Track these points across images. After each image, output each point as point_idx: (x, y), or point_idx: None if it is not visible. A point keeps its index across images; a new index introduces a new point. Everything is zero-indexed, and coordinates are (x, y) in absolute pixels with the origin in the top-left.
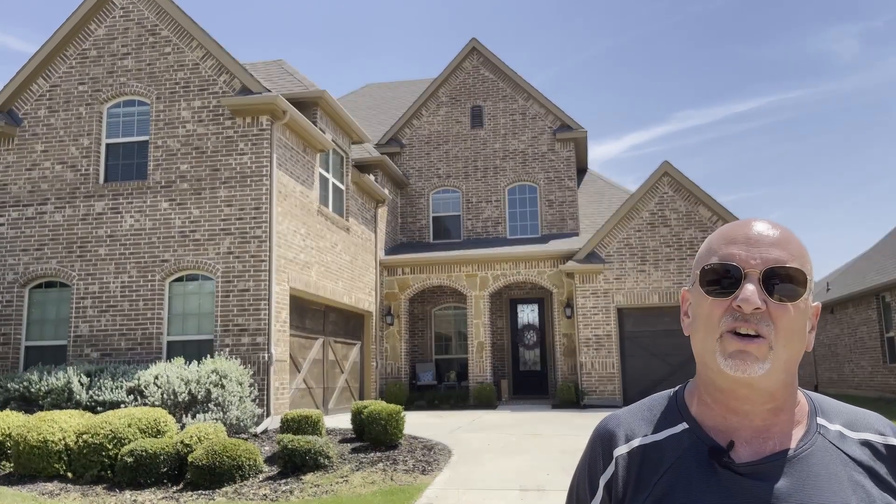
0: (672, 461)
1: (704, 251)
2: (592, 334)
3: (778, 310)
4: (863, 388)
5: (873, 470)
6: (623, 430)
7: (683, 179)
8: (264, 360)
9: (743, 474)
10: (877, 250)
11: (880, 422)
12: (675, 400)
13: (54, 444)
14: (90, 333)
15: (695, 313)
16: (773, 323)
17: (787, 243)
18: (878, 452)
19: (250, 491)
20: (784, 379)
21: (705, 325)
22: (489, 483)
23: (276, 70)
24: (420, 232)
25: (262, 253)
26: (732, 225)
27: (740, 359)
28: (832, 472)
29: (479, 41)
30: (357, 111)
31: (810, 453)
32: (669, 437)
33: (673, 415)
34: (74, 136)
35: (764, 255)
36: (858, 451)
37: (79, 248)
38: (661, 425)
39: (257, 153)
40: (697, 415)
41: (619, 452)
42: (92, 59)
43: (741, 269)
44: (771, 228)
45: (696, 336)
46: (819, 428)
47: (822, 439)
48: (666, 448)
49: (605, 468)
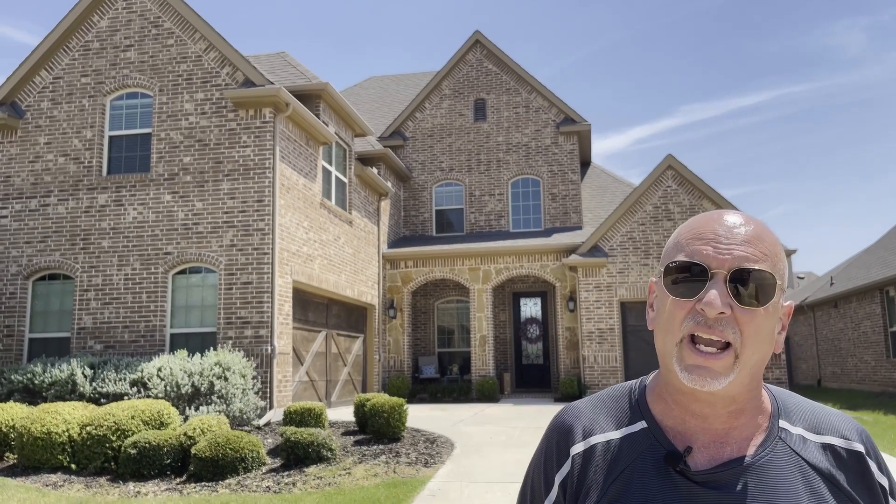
0: (628, 462)
1: (672, 245)
2: (595, 328)
3: (745, 315)
4: (866, 383)
5: (833, 478)
6: (581, 424)
7: (687, 173)
8: (267, 352)
9: (698, 482)
10: (881, 244)
11: (846, 424)
12: (636, 394)
13: (58, 436)
14: (93, 326)
15: (658, 309)
16: (740, 328)
17: (758, 241)
18: (840, 458)
19: (253, 483)
20: (748, 383)
21: (666, 325)
22: (491, 476)
23: (278, 62)
24: (423, 225)
25: (264, 246)
26: (703, 217)
27: (698, 374)
28: (789, 480)
29: (482, 34)
30: (360, 104)
31: (768, 461)
32: (627, 437)
33: (633, 411)
34: (77, 129)
35: (734, 253)
36: (819, 457)
37: (82, 241)
38: (619, 422)
39: (260, 146)
40: (657, 413)
41: (575, 451)
42: (95, 51)
43: (707, 268)
44: (742, 224)
45: (657, 334)
46: (780, 432)
47: (782, 444)
48: (623, 448)
49: (561, 466)
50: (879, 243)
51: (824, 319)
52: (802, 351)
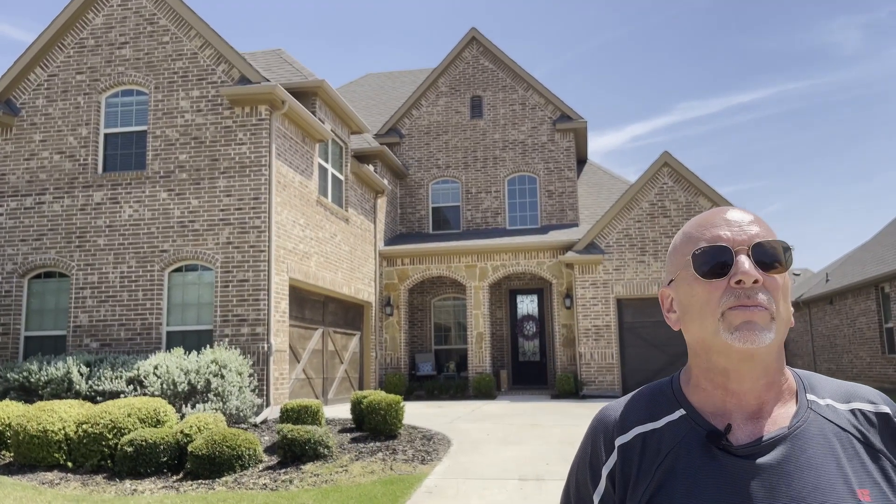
0: (671, 447)
1: (683, 241)
2: (592, 325)
3: (771, 281)
4: (861, 379)
5: (867, 438)
6: (623, 418)
7: (683, 170)
8: (264, 350)
9: (741, 456)
10: (876, 241)
11: (870, 392)
12: (671, 387)
13: (54, 434)
14: (89, 324)
15: (687, 303)
16: (770, 292)
17: (761, 223)
18: (870, 420)
19: (250, 480)
20: (778, 351)
21: (702, 310)
22: (488, 473)
23: (274, 59)
24: (419, 222)
25: (261, 243)
26: (706, 213)
27: (748, 329)
28: (827, 445)
29: (478, 31)
30: (357, 101)
31: (804, 429)
32: (668, 424)
33: (670, 402)
34: (73, 126)
35: (748, 232)
36: (851, 421)
37: (78, 239)
38: (658, 413)
39: (256, 143)
40: (694, 401)
41: (620, 442)
42: (90, 48)
43: (731, 248)
44: (742, 212)
45: (691, 325)
46: (810, 403)
47: (813, 414)
48: (665, 435)
49: (608, 458)
50: (875, 240)
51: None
52: (798, 347)
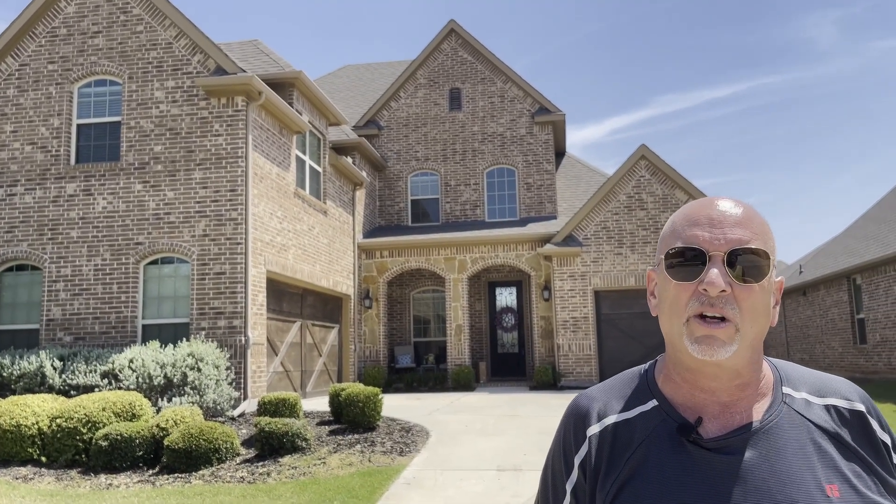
0: (643, 438)
1: (668, 232)
2: (570, 317)
3: (743, 291)
4: (833, 369)
5: (838, 436)
6: (595, 408)
7: (660, 163)
8: (241, 343)
9: (710, 449)
10: (848, 233)
11: (847, 387)
12: (645, 377)
13: (27, 429)
14: (63, 317)
15: (661, 296)
16: (739, 304)
17: (749, 222)
18: (843, 417)
19: (227, 473)
20: (750, 356)
21: (671, 309)
22: (467, 464)
23: (251, 50)
24: (398, 215)
25: (238, 235)
26: (695, 204)
27: (707, 343)
28: (797, 441)
29: (457, 23)
30: (335, 93)
31: (776, 424)
32: (640, 415)
33: (643, 392)
34: (44, 117)
35: (727, 236)
36: (824, 417)
37: (50, 231)
38: (632, 402)
39: (232, 134)
40: (667, 392)
41: (591, 432)
42: (62, 37)
43: (705, 251)
44: (733, 207)
45: (663, 318)
46: (784, 397)
47: (787, 409)
48: (637, 425)
49: (579, 447)
50: (847, 232)
51: (793, 307)
52: (772, 338)
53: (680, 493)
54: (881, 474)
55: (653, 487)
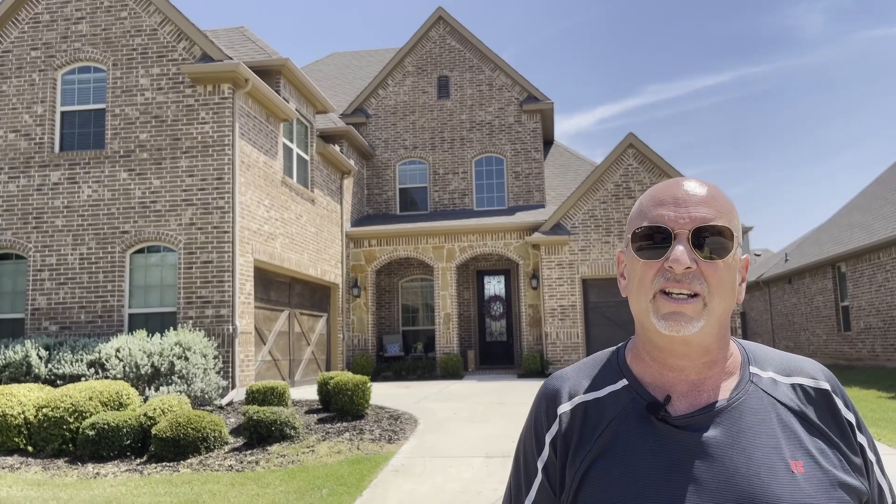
0: (612, 417)
1: (636, 213)
2: (558, 305)
3: (709, 267)
4: (818, 356)
5: (804, 414)
6: (567, 387)
7: (648, 151)
8: (229, 332)
9: (679, 426)
10: (834, 222)
11: (813, 367)
12: (616, 357)
13: (13, 418)
14: (48, 306)
15: (629, 275)
16: (706, 280)
17: (713, 200)
18: (809, 396)
19: (215, 462)
20: (717, 332)
21: (639, 287)
22: (455, 451)
23: (237, 37)
24: (387, 203)
25: (225, 224)
26: (661, 186)
27: (674, 320)
28: (764, 418)
29: (445, 10)
30: (322, 80)
31: (742, 402)
32: (610, 394)
33: (614, 372)
34: (28, 104)
35: (692, 214)
36: (790, 396)
37: (34, 220)
38: (602, 382)
39: (219, 122)
40: (636, 371)
41: (562, 410)
42: (45, 23)
43: (670, 230)
44: (698, 187)
45: (632, 297)
46: (752, 376)
47: (754, 387)
48: (607, 404)
49: (550, 426)
50: (832, 221)
51: (779, 295)
52: (758, 326)
53: (648, 469)
54: (845, 452)
55: (621, 464)
